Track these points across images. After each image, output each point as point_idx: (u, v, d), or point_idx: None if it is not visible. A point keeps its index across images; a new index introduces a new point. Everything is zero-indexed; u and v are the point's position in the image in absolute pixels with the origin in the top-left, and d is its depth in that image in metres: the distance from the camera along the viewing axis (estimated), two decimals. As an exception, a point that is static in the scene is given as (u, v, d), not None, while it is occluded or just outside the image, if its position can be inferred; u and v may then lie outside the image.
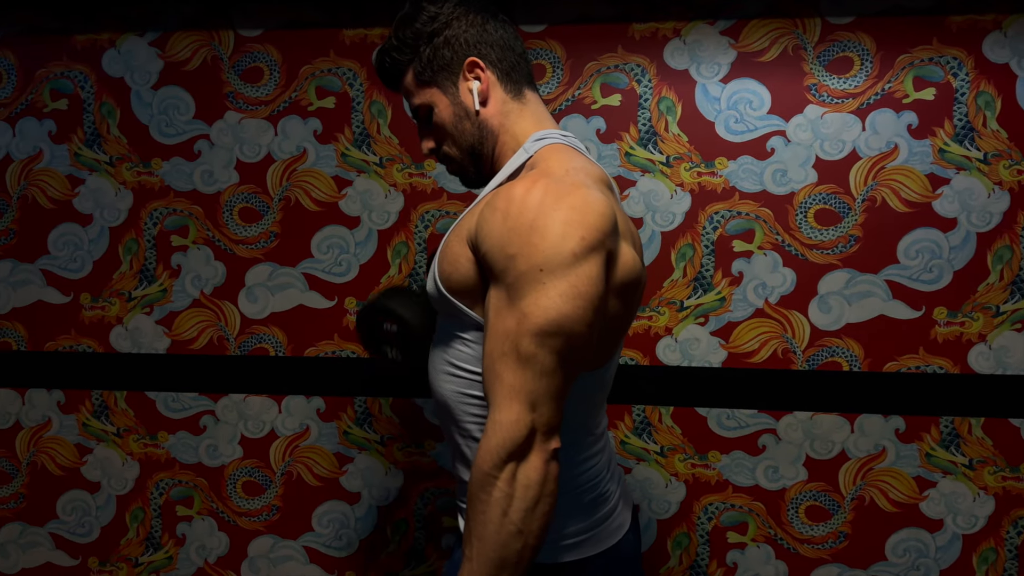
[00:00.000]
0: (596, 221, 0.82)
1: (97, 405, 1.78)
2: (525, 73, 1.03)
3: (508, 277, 0.82)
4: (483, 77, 1.00)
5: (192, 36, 1.71)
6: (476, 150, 1.02)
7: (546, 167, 0.90)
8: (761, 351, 1.64)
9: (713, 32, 1.62)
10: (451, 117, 1.02)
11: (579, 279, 0.80)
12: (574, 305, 0.80)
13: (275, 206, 1.72)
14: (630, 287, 0.90)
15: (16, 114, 1.75)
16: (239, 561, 1.77)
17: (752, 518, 1.66)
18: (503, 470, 0.80)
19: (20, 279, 1.77)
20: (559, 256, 0.80)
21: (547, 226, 0.80)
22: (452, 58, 1.00)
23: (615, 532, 0.98)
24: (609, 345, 0.93)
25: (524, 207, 0.82)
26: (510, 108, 1.01)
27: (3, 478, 1.81)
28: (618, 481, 1.03)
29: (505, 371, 0.81)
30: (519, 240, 0.81)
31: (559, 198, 0.82)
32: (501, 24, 1.03)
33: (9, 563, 1.82)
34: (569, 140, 0.99)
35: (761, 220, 1.63)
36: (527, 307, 0.80)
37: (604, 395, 0.99)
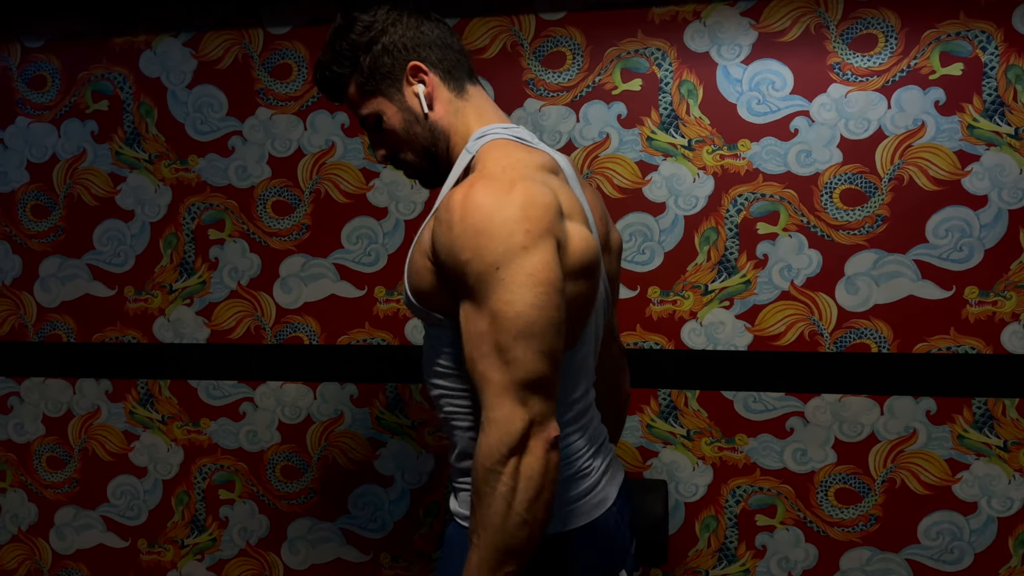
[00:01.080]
0: (537, 212, 0.92)
1: (143, 394, 2.01)
2: (466, 68, 1.13)
3: (469, 280, 0.92)
4: (427, 80, 1.09)
5: (224, 35, 1.91)
6: (431, 152, 1.12)
7: (483, 167, 0.99)
8: (787, 334, 1.76)
9: (734, 13, 1.73)
10: (401, 123, 1.11)
11: (535, 267, 0.89)
12: (536, 292, 0.89)
13: (306, 199, 1.90)
14: (587, 267, 0.99)
15: (60, 116, 1.98)
16: (279, 543, 1.98)
17: (781, 501, 1.79)
18: (506, 465, 0.89)
19: (68, 274, 2.01)
20: (509, 251, 0.89)
21: (490, 227, 0.90)
22: (393, 65, 1.09)
23: (597, 507, 1.07)
24: (577, 326, 1.02)
25: (465, 213, 0.91)
26: (456, 106, 1.10)
27: (57, 464, 2.05)
28: (603, 457, 1.13)
29: (490, 370, 0.90)
30: (469, 245, 0.91)
31: (499, 197, 0.91)
32: (435, 23, 1.12)
33: (65, 544, 2.06)
34: (510, 132, 1.07)
35: (785, 202, 1.74)
36: (494, 305, 0.90)
37: (582, 375, 1.07)
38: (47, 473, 2.05)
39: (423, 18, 1.12)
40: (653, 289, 1.80)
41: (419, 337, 1.88)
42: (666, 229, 1.79)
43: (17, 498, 2.07)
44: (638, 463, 1.84)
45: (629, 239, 1.80)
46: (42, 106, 1.98)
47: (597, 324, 1.12)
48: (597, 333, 1.13)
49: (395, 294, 1.89)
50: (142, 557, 2.03)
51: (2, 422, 2.06)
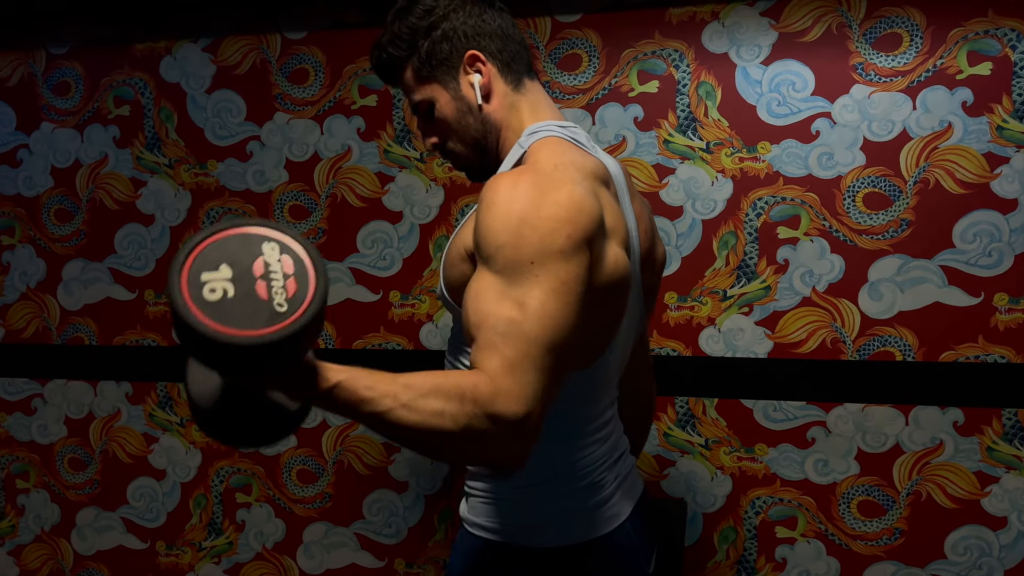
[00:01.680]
0: (582, 219, 0.91)
1: (162, 396, 2.10)
2: (525, 62, 1.14)
3: (498, 264, 0.90)
4: (484, 70, 1.10)
5: (242, 41, 2.00)
6: (481, 144, 1.13)
7: (535, 161, 1.00)
8: (809, 341, 1.79)
9: (753, 13, 1.77)
10: (454, 112, 1.12)
11: (569, 276, 0.89)
12: (564, 302, 0.88)
13: (322, 203, 1.98)
14: (613, 288, 0.99)
15: (83, 121, 2.09)
16: (295, 547, 2.06)
17: (802, 513, 1.82)
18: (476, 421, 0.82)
19: (90, 277, 2.11)
20: (549, 251, 0.88)
21: (536, 219, 0.89)
22: (451, 52, 1.10)
23: (609, 521, 1.08)
24: (596, 345, 1.03)
25: (512, 199, 0.91)
26: (512, 100, 1.11)
27: (79, 465, 2.16)
28: (618, 472, 1.14)
29: (507, 349, 0.85)
30: (508, 231, 0.90)
31: (545, 193, 0.91)
32: (499, 12, 1.13)
33: (86, 545, 2.17)
34: (567, 132, 1.08)
35: (807, 205, 1.77)
36: (524, 298, 0.87)
37: (605, 392, 1.09)
38: (69, 474, 2.16)
39: (486, 6, 1.13)
40: (670, 294, 1.84)
41: (434, 342, 1.95)
42: (683, 233, 1.83)
43: (40, 498, 2.18)
44: (655, 472, 1.88)
45: (646, 244, 1.84)
46: (66, 112, 2.09)
47: (626, 344, 1.13)
48: (623, 353, 1.13)
49: (410, 298, 1.95)
50: (160, 559, 2.13)
51: (26, 423, 2.17)
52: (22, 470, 2.18)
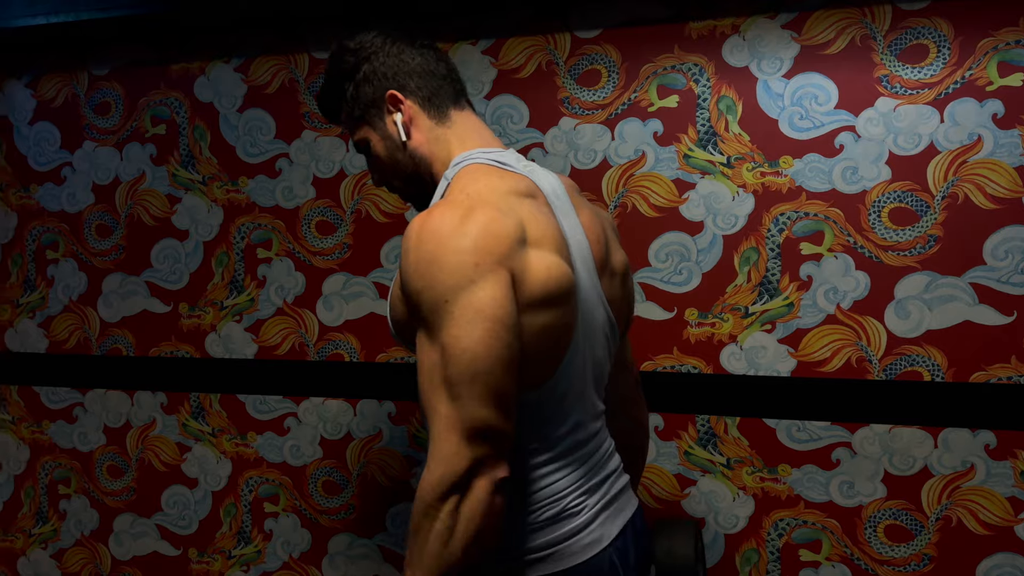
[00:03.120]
0: (489, 243, 0.97)
1: (195, 407, 2.22)
2: (450, 94, 1.21)
3: (422, 311, 0.98)
4: (404, 108, 1.18)
5: (272, 60, 2.10)
6: (415, 178, 1.23)
7: (449, 194, 1.07)
8: (833, 360, 1.79)
9: (774, 26, 1.79)
10: (384, 151, 1.22)
11: (482, 303, 0.95)
12: (484, 328, 0.94)
13: (348, 219, 2.07)
14: (553, 296, 1.03)
15: (123, 140, 2.22)
16: (320, 557, 2.15)
17: (826, 536, 1.82)
18: (446, 502, 0.94)
19: (128, 290, 2.25)
20: (458, 285, 0.95)
21: (442, 256, 0.96)
22: (373, 93, 1.20)
23: (586, 549, 1.10)
24: (549, 359, 1.06)
25: (420, 241, 0.99)
26: (437, 134, 1.19)
27: (117, 472, 2.29)
28: (601, 495, 1.14)
29: (438, 404, 0.96)
30: (422, 274, 0.98)
31: (453, 226, 0.98)
32: (420, 50, 1.21)
33: (122, 550, 2.30)
34: (489, 156, 1.14)
35: (831, 221, 1.78)
36: (444, 338, 0.95)
37: (570, 410, 1.11)
38: (107, 481, 2.30)
39: (406, 45, 1.21)
40: (691, 311, 1.87)
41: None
42: (704, 249, 1.86)
43: (81, 504, 2.32)
44: (675, 492, 1.90)
45: (665, 259, 1.88)
46: (106, 131, 2.23)
47: (594, 355, 1.16)
48: (594, 364, 1.17)
49: (431, 313, 2.02)
50: (192, 566, 2.24)
51: (68, 431, 2.32)
52: (64, 476, 2.33)
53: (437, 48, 1.26)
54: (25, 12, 1.98)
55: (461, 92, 1.25)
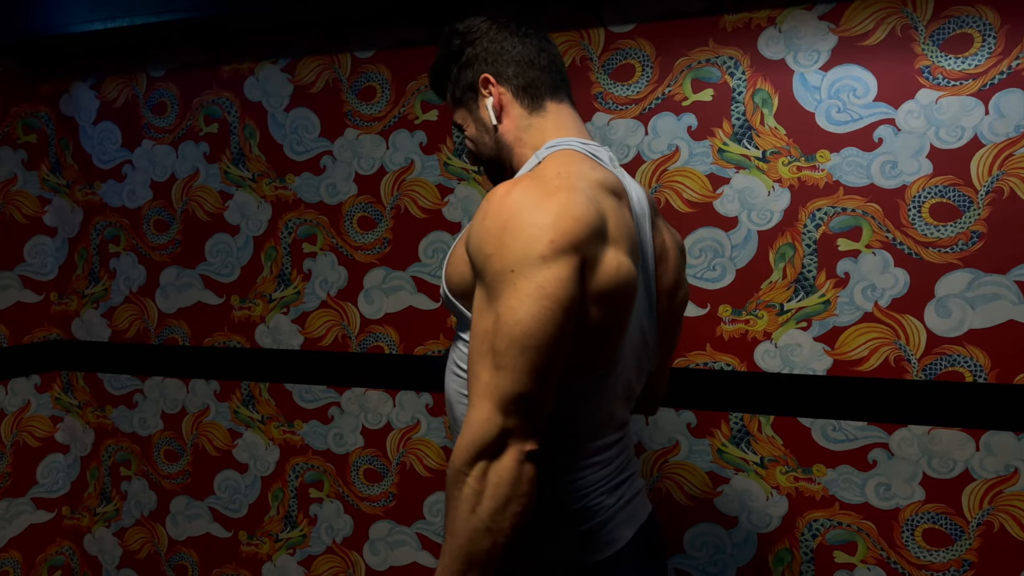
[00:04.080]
0: (569, 225, 0.97)
1: (245, 395, 2.33)
2: (548, 86, 1.22)
3: (486, 277, 1.00)
4: (495, 93, 1.21)
5: (316, 61, 2.18)
6: (495, 162, 1.26)
7: (539, 170, 1.07)
8: (871, 359, 1.77)
9: (811, 17, 1.77)
10: (475, 132, 1.26)
11: (547, 280, 0.95)
12: (541, 306, 0.95)
13: (387, 214, 2.14)
14: (614, 294, 1.03)
15: (178, 139, 2.34)
16: (362, 543, 2.23)
17: (862, 538, 1.80)
18: (474, 467, 0.97)
19: (184, 283, 2.37)
20: (528, 257, 0.96)
21: (519, 227, 0.97)
22: (472, 77, 1.23)
23: (604, 547, 1.12)
24: (601, 353, 1.08)
25: (501, 208, 1.00)
26: (527, 123, 1.20)
27: (173, 456, 2.42)
28: (620, 495, 1.17)
29: (482, 370, 0.98)
30: (494, 240, 0.99)
31: (537, 200, 0.99)
32: (522, 38, 1.22)
33: (178, 531, 2.43)
34: (587, 147, 1.15)
35: (869, 216, 1.75)
36: (500, 307, 0.97)
37: (609, 409, 1.13)
38: (165, 464, 2.43)
39: (510, 32, 1.23)
40: (724, 307, 1.87)
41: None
42: (738, 245, 1.85)
43: (140, 486, 2.46)
44: (708, 489, 1.91)
45: (699, 255, 1.88)
46: (163, 130, 2.35)
47: (630, 368, 1.16)
48: (628, 376, 1.17)
49: (467, 307, 2.07)
50: (242, 548, 2.36)
51: (129, 416, 2.46)
52: (125, 459, 2.47)
53: (543, 36, 1.26)
54: (85, 18, 2.10)
55: (561, 85, 1.25)
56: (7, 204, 2.37)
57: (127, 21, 2.07)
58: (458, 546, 1.00)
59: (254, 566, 2.34)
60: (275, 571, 2.32)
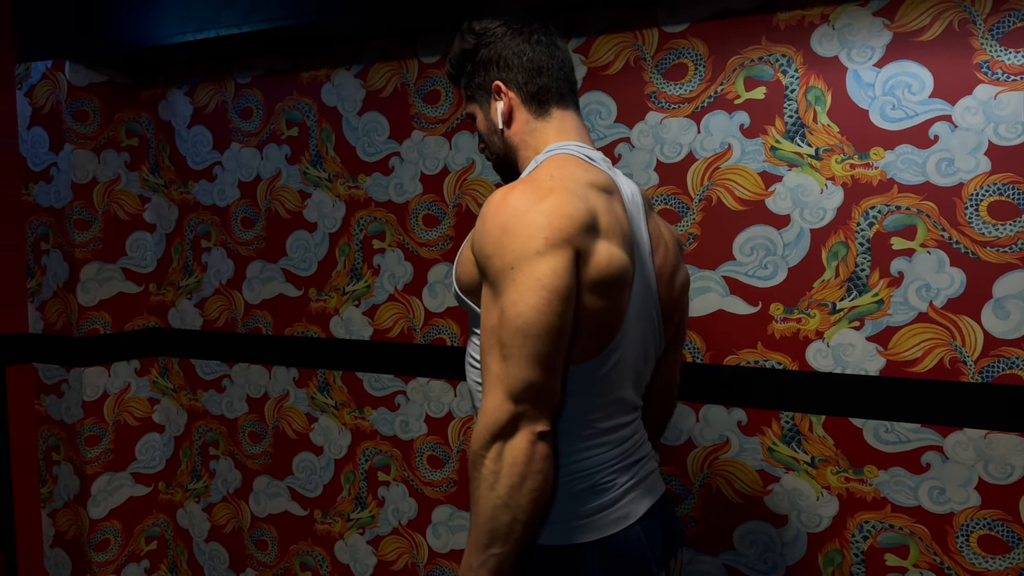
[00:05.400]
0: (561, 222, 1.06)
1: (321, 382, 2.47)
2: (555, 94, 1.29)
3: (489, 275, 1.09)
4: (506, 100, 1.29)
5: (386, 67, 2.30)
6: (503, 160, 1.35)
7: (535, 174, 1.16)
8: (925, 360, 1.74)
9: (865, 14, 1.75)
10: (485, 130, 1.35)
11: (543, 273, 1.04)
12: (540, 297, 1.04)
13: (450, 212, 2.23)
14: (609, 283, 1.11)
15: (263, 141, 2.50)
16: (425, 526, 2.34)
17: (914, 542, 1.77)
18: (490, 449, 1.06)
19: (267, 276, 2.53)
20: (526, 254, 1.05)
21: (516, 228, 1.06)
22: (485, 79, 1.31)
23: (615, 523, 1.18)
24: (597, 340, 1.14)
25: (499, 211, 1.09)
26: (533, 127, 1.29)
27: (256, 438, 2.59)
28: (632, 475, 1.24)
29: (492, 361, 1.07)
30: (494, 242, 1.08)
31: (531, 203, 1.08)
32: (535, 45, 1.29)
33: (260, 508, 2.60)
34: (582, 151, 1.23)
35: (924, 215, 1.72)
36: (504, 303, 1.06)
37: (605, 394, 1.18)
38: (249, 445, 2.60)
39: (524, 40, 1.29)
40: (776, 306, 1.87)
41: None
42: (791, 243, 1.85)
43: (226, 465, 2.65)
44: (758, 487, 1.91)
45: (751, 253, 1.88)
46: (249, 133, 2.52)
47: (637, 351, 1.22)
48: (635, 359, 1.23)
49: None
50: (317, 526, 2.51)
51: (217, 399, 2.65)
52: (214, 439, 2.67)
53: (555, 43, 1.33)
54: (178, 30, 2.28)
55: (568, 92, 1.32)
56: (111, 202, 2.59)
57: (213, 32, 2.23)
58: (482, 523, 1.09)
59: (327, 544, 2.49)
60: (346, 549, 2.46)
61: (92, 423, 2.56)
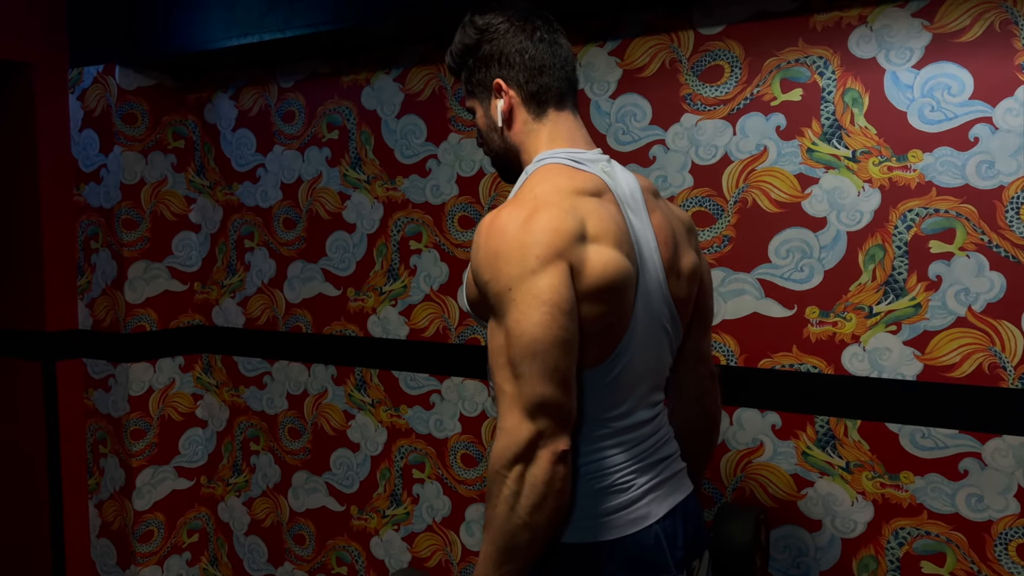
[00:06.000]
0: (549, 238, 1.08)
1: (358, 380, 2.51)
2: (554, 94, 1.28)
3: (489, 300, 1.12)
4: (506, 98, 1.28)
5: (424, 70, 2.33)
6: (502, 159, 1.34)
7: (520, 193, 1.19)
8: (963, 365, 1.71)
9: (904, 15, 1.73)
10: (484, 126, 1.34)
11: (541, 289, 1.07)
12: (541, 313, 1.06)
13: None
14: (607, 288, 1.12)
15: (304, 144, 2.55)
16: (458, 523, 2.36)
17: (951, 549, 1.74)
18: (511, 470, 1.06)
19: (307, 276, 2.58)
20: (521, 275, 1.07)
21: (507, 251, 1.09)
22: (486, 75, 1.29)
23: (632, 523, 1.18)
24: (603, 344, 1.15)
25: (489, 237, 1.12)
26: (530, 128, 1.28)
27: (296, 434, 2.64)
28: (654, 475, 1.23)
29: (504, 382, 1.08)
30: (489, 267, 1.11)
31: (518, 224, 1.10)
32: (538, 44, 1.27)
33: (298, 503, 2.65)
34: (569, 156, 1.23)
35: (963, 218, 1.69)
36: (508, 324, 1.08)
37: (625, 394, 1.19)
38: (288, 441, 2.66)
39: (526, 37, 1.27)
40: (811, 309, 1.85)
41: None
42: (827, 246, 1.83)
43: (267, 460, 2.70)
44: (792, 492, 1.90)
45: (786, 255, 1.87)
46: (291, 136, 2.58)
47: (652, 348, 1.23)
48: (651, 356, 1.24)
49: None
50: (353, 522, 2.55)
51: (259, 396, 2.71)
52: (255, 435, 2.72)
53: (557, 41, 1.30)
54: (223, 35, 2.34)
55: (567, 92, 1.31)
56: (158, 203, 2.67)
57: (257, 37, 2.29)
58: (499, 540, 1.10)
59: (363, 539, 2.53)
60: (381, 545, 2.49)
61: (137, 417, 2.63)
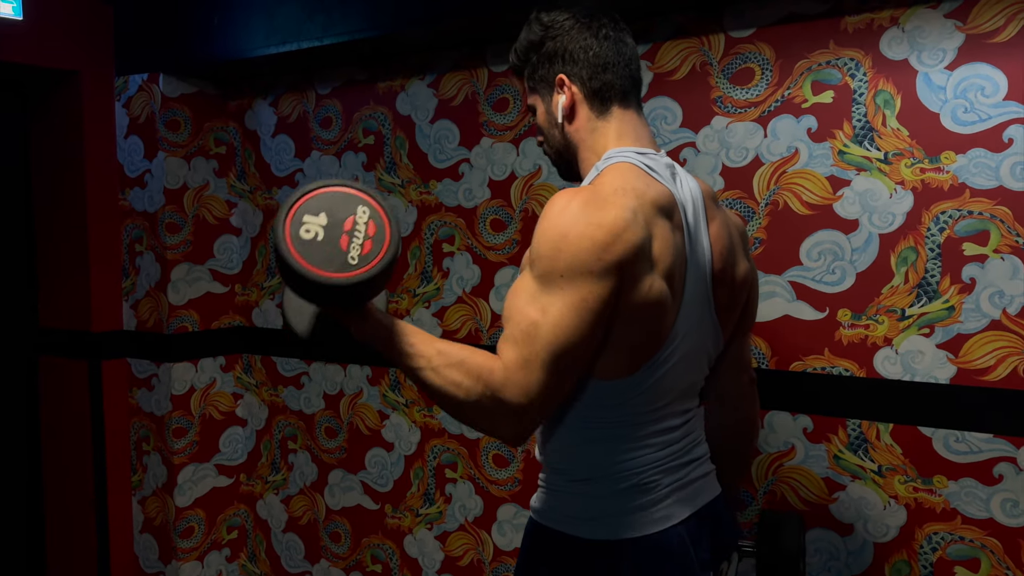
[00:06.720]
0: (617, 246, 1.07)
1: (392, 380, 2.54)
2: (618, 91, 1.28)
3: (536, 269, 1.10)
4: (568, 94, 1.28)
5: (457, 76, 2.36)
6: (562, 155, 1.34)
7: (599, 185, 1.15)
8: (998, 368, 1.69)
9: (936, 16, 1.71)
10: (545, 122, 1.34)
11: (591, 294, 1.06)
12: (581, 318, 1.06)
13: (517, 217, 2.27)
14: (646, 310, 1.13)
15: (341, 149, 2.60)
16: (490, 523, 2.38)
17: (986, 555, 1.71)
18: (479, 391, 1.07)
19: (343, 278, 2.62)
20: (578, 269, 1.06)
21: (573, 237, 1.06)
22: (549, 71, 1.30)
23: (655, 522, 1.20)
24: (636, 358, 1.17)
25: (561, 215, 1.09)
26: (594, 125, 1.28)
27: (332, 433, 2.69)
28: (679, 477, 1.24)
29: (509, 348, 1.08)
30: (550, 244, 1.08)
31: (591, 215, 1.08)
32: (602, 41, 1.27)
33: (334, 501, 2.70)
34: (642, 159, 1.21)
35: (997, 220, 1.67)
36: (548, 305, 1.07)
37: (651, 402, 1.20)
38: (325, 440, 2.70)
39: (591, 34, 1.28)
40: (843, 312, 1.84)
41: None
42: (859, 248, 1.82)
43: (304, 458, 2.75)
44: (824, 495, 1.88)
45: (818, 258, 1.86)
46: (329, 141, 2.62)
47: (689, 359, 1.24)
48: (688, 367, 1.24)
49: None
50: (387, 520, 2.58)
51: (296, 395, 2.76)
52: (292, 434, 2.78)
53: (623, 39, 1.31)
54: (262, 43, 2.40)
55: (631, 90, 1.30)
56: (200, 207, 2.74)
57: (296, 45, 2.34)
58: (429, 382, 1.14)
59: (397, 538, 2.56)
60: (415, 544, 2.53)
61: (179, 416, 2.70)
